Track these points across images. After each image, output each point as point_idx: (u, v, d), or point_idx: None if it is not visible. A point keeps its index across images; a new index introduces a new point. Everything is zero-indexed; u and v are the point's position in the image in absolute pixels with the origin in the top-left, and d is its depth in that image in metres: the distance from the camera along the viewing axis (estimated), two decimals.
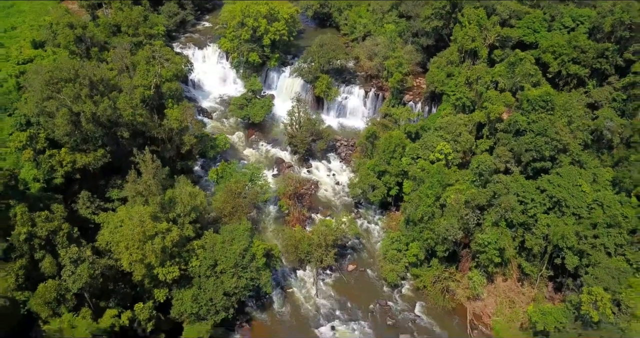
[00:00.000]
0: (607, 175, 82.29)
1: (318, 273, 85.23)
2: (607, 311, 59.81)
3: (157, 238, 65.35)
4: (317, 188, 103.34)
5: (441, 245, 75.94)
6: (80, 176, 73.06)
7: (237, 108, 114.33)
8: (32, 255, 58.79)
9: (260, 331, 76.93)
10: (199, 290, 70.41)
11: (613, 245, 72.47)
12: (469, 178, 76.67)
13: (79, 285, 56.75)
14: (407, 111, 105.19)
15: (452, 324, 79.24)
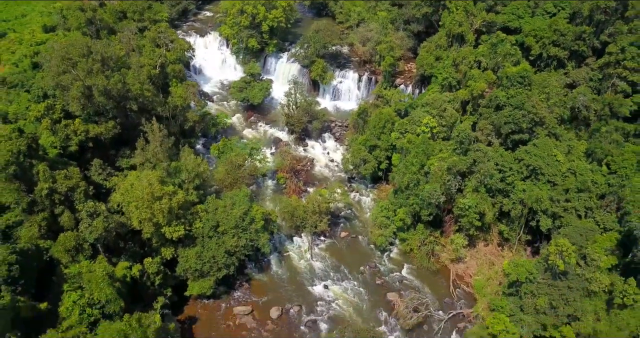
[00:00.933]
0: (582, 147, 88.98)
1: (313, 239, 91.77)
2: (572, 260, 66.41)
3: (164, 199, 71.92)
4: (312, 165, 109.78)
5: (425, 209, 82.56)
6: (92, 145, 79.52)
7: (237, 91, 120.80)
8: (52, 210, 65.47)
9: (258, 289, 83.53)
10: (202, 249, 76.97)
11: (583, 208, 79.10)
12: (452, 148, 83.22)
13: (95, 236, 63.39)
14: (398, 93, 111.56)
15: (436, 284, 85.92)
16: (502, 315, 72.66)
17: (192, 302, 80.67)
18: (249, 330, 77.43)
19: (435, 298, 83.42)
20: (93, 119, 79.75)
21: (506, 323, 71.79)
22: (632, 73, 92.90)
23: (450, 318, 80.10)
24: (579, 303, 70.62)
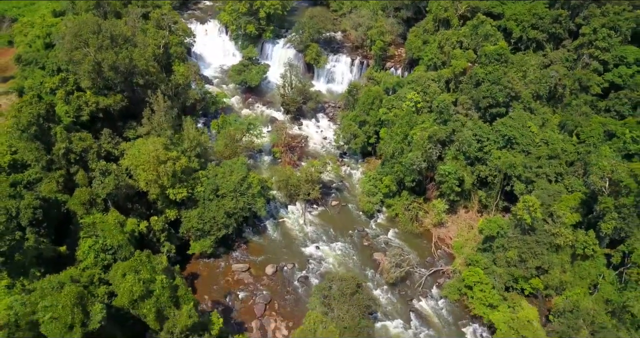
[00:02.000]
0: (555, 120, 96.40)
1: (306, 207, 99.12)
2: (538, 214, 73.64)
3: (168, 163, 79.25)
4: (306, 142, 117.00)
5: (409, 176, 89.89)
6: (102, 116, 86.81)
7: (236, 74, 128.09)
8: (68, 169, 72.80)
9: (255, 250, 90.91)
10: (204, 210, 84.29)
11: (554, 174, 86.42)
12: (433, 118, 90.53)
13: (107, 191, 70.73)
14: (387, 75, 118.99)
15: (419, 245, 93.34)
16: (477, 269, 79.98)
17: (194, 261, 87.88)
18: (246, 284, 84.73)
19: (418, 257, 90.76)
20: (102, 92, 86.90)
21: (480, 275, 79.09)
22: (603, 52, 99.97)
23: (430, 274, 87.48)
24: (546, 257, 77.89)
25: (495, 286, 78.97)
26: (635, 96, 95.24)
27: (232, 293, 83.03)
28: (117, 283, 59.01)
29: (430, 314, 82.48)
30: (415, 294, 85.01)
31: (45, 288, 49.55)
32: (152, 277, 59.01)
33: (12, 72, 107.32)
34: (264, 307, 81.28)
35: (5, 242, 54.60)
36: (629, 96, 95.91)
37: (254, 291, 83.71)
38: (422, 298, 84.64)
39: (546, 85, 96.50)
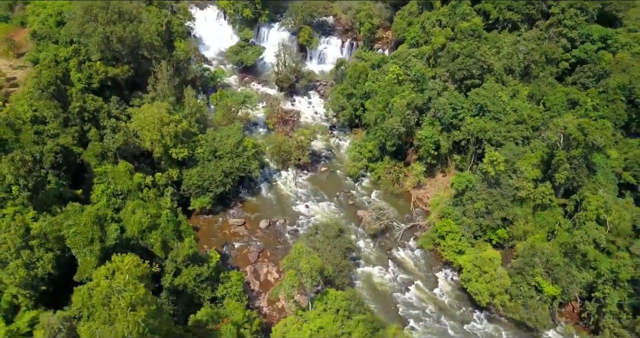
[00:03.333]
0: (525, 91, 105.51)
1: (297, 172, 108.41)
2: (501, 167, 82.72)
3: (171, 124, 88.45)
4: (298, 117, 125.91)
5: (389, 140, 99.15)
6: (111, 85, 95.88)
7: (233, 54, 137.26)
8: (82, 126, 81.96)
9: (250, 208, 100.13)
10: (203, 169, 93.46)
11: (520, 137, 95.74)
12: (411, 87, 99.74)
13: (117, 145, 79.97)
14: (375, 54, 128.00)
15: (399, 205, 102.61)
16: (448, 220, 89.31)
17: (194, 217, 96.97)
18: (241, 236, 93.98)
19: (398, 214, 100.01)
20: (111, 63, 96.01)
21: (452, 225, 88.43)
22: (570, 30, 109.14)
23: (408, 228, 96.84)
24: (510, 209, 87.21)
25: (465, 235, 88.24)
26: (598, 69, 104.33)
27: (229, 243, 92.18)
28: (127, 218, 68.16)
29: (407, 261, 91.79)
30: (394, 245, 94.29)
31: (69, 211, 58.76)
32: (158, 212, 68.26)
33: (26, 49, 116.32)
34: (257, 254, 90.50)
35: (33, 178, 63.65)
36: (593, 69, 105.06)
37: (249, 242, 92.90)
38: (400, 248, 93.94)
39: (517, 60, 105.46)
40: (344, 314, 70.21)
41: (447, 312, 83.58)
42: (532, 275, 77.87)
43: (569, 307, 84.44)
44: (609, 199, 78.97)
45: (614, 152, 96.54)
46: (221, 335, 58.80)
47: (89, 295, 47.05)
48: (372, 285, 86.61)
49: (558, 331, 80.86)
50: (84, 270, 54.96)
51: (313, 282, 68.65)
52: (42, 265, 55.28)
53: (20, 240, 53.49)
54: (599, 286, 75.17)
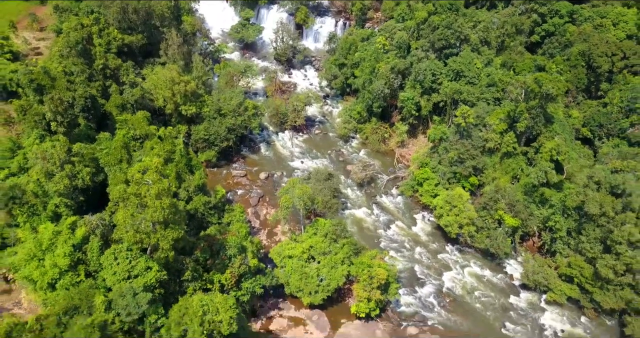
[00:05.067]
0: (499, 60, 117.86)
1: (293, 134, 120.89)
2: (470, 120, 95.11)
3: (181, 84, 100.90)
4: (295, 88, 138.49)
5: (376, 102, 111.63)
6: (127, 51, 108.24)
7: (235, 32, 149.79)
8: (104, 82, 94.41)
9: (251, 163, 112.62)
10: (209, 125, 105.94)
11: (492, 98, 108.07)
12: (394, 53, 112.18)
13: (135, 98, 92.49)
14: (365, 30, 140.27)
15: (384, 160, 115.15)
16: (426, 169, 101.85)
17: None
18: (243, 185, 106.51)
19: (382, 169, 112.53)
20: (127, 32, 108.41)
21: (428, 173, 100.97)
22: (540, 6, 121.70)
23: (391, 179, 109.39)
24: (480, 158, 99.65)
25: (440, 182, 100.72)
26: (564, 40, 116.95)
27: (232, 190, 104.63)
28: (146, 153, 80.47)
29: (389, 206, 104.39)
30: (378, 192, 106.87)
31: (101, 138, 71.29)
32: (173, 148, 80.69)
33: (46, 23, 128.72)
34: (258, 199, 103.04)
35: (68, 116, 76.12)
36: (559, 40, 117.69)
37: (250, 190, 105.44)
38: (383, 195, 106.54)
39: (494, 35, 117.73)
40: (331, 237, 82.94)
41: (423, 245, 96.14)
42: (496, 209, 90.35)
43: (530, 242, 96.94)
44: (561, 143, 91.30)
45: (575, 111, 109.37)
46: (227, 243, 71.23)
47: (124, 190, 59.54)
48: (358, 223, 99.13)
49: (519, 261, 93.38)
50: (115, 183, 67.31)
51: (305, 205, 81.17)
52: (81, 177, 67.71)
53: (65, 155, 65.89)
54: (552, 217, 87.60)
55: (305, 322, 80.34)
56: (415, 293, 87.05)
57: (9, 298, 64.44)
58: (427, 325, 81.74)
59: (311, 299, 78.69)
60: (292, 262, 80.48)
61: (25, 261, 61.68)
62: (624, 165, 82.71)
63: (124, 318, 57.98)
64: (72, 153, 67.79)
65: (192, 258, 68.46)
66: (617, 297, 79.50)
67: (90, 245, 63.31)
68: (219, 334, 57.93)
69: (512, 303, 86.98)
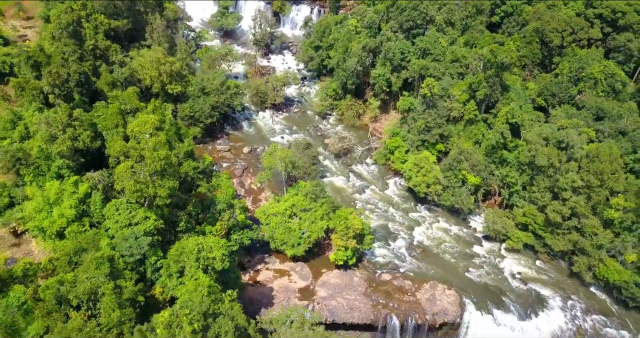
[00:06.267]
0: (462, 40, 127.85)
1: (273, 113, 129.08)
2: (435, 90, 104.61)
3: (167, 64, 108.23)
4: (274, 71, 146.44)
5: (350, 79, 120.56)
6: (113, 35, 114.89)
7: (215, 20, 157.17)
8: (94, 62, 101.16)
9: (234, 139, 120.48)
10: (194, 103, 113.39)
11: (456, 73, 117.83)
12: (365, 33, 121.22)
13: (124, 76, 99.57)
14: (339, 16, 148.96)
15: (359, 134, 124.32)
16: (397, 138, 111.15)
17: None
18: (228, 159, 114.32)
19: (358, 141, 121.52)
20: (113, 17, 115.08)
21: (399, 141, 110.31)
22: None
23: (366, 150, 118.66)
24: (446, 127, 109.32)
25: (410, 150, 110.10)
26: (521, 20, 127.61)
27: (217, 163, 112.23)
28: None
29: (364, 174, 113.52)
30: (354, 162, 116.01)
31: (97, 107, 78.51)
32: (163, 118, 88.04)
33: (32, 13, 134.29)
34: (242, 171, 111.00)
35: (64, 89, 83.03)
36: (517, 20, 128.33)
37: (234, 162, 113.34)
38: (358, 165, 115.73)
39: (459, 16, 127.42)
40: (311, 197, 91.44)
41: (395, 206, 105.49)
42: (459, 169, 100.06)
43: (492, 200, 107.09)
44: (515, 107, 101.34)
45: (532, 84, 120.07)
46: (216, 199, 79.16)
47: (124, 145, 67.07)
48: (335, 188, 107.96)
49: (482, 217, 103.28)
50: (112, 145, 74.54)
51: (286, 168, 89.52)
52: (82, 140, 74.85)
53: (66, 119, 72.98)
54: (508, 173, 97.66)
55: (289, 273, 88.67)
56: (389, 246, 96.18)
57: (19, 250, 71.26)
58: (400, 272, 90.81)
59: (294, 251, 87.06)
60: (276, 219, 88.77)
61: (35, 213, 68.67)
62: (568, 123, 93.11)
63: (127, 259, 65.51)
64: (73, 118, 74.84)
65: (185, 212, 76.20)
66: (566, 240, 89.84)
67: (93, 198, 70.64)
68: (213, 270, 65.86)
69: (475, 252, 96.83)
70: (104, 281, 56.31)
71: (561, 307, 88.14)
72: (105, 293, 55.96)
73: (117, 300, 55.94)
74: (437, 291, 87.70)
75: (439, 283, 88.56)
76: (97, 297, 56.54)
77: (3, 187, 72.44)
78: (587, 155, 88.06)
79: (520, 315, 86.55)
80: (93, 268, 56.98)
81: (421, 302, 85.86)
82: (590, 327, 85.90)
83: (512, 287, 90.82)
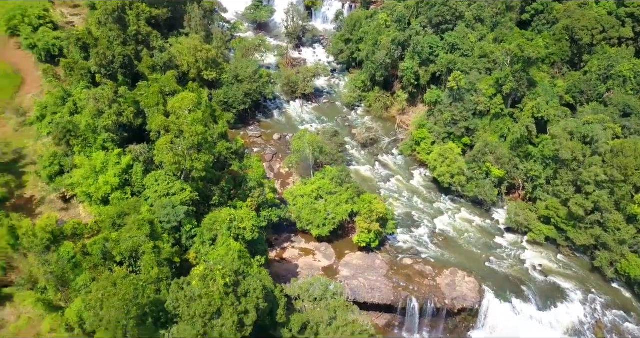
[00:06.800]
0: (491, 36, 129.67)
1: (303, 103, 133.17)
2: (462, 83, 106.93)
3: (203, 51, 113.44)
4: (305, 63, 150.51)
5: (379, 71, 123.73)
6: (154, 23, 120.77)
7: (249, 13, 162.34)
8: (136, 47, 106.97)
9: (265, 126, 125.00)
10: (228, 89, 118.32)
11: (484, 68, 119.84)
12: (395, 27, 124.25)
13: (163, 61, 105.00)
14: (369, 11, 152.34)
15: (386, 126, 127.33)
16: (423, 129, 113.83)
17: None
18: (259, 144, 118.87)
19: (385, 133, 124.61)
20: (153, 6, 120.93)
21: (425, 133, 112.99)
22: None
23: (392, 141, 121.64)
24: (472, 120, 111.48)
25: (436, 142, 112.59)
26: (551, 18, 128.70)
27: (249, 148, 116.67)
28: None
29: (390, 163, 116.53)
30: (380, 152, 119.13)
31: (140, 86, 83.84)
32: (200, 99, 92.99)
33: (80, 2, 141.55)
34: (272, 156, 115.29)
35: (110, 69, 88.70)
36: (547, 18, 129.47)
37: (264, 148, 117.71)
38: (384, 155, 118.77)
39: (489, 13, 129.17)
40: (337, 181, 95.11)
41: (419, 195, 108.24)
42: (484, 162, 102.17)
43: (515, 194, 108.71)
44: (542, 102, 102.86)
45: (560, 81, 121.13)
46: (248, 177, 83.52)
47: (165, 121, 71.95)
48: (360, 176, 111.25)
49: (505, 209, 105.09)
50: (153, 120, 79.62)
51: (314, 152, 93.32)
52: (126, 115, 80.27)
53: (113, 95, 78.43)
54: (532, 166, 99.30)
55: (314, 252, 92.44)
56: (411, 233, 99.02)
57: (67, 214, 76.96)
58: (421, 258, 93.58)
59: (319, 231, 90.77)
60: (302, 200, 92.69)
61: (82, 179, 74.15)
62: (594, 118, 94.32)
63: (165, 225, 70.26)
64: (118, 95, 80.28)
65: (218, 187, 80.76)
66: (588, 234, 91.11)
67: (135, 169, 75.78)
68: (243, 239, 70.06)
69: (497, 243, 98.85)
70: (144, 240, 61.00)
71: (581, 300, 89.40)
72: (145, 252, 60.66)
73: (156, 258, 60.53)
74: (457, 277, 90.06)
75: (459, 270, 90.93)
76: (138, 255, 61.29)
77: (54, 156, 78.21)
78: (612, 150, 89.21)
79: (539, 305, 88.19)
80: (135, 229, 61.77)
81: (441, 286, 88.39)
82: (610, 321, 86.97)
83: (533, 278, 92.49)
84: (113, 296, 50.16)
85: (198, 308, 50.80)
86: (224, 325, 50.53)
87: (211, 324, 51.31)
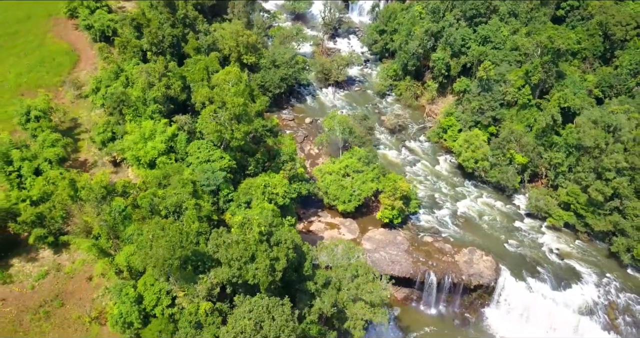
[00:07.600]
0: (524, 30, 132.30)
1: (335, 90, 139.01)
2: (491, 73, 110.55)
3: (244, 36, 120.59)
4: (339, 53, 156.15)
5: (411, 61, 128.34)
6: (199, 9, 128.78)
7: (288, 3, 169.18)
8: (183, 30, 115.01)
9: (298, 110, 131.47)
10: (265, 73, 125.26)
11: (515, 61, 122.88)
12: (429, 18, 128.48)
13: (208, 43, 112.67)
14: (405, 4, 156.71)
15: (415, 114, 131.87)
16: (451, 117, 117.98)
17: None
18: (291, 127, 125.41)
19: (413, 120, 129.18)
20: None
21: (453, 121, 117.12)
22: None
23: (420, 128, 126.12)
24: (499, 110, 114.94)
25: (463, 129, 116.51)
26: (586, 14, 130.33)
27: (282, 130, 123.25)
28: None
29: (416, 149, 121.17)
30: (407, 138, 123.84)
31: (188, 62, 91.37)
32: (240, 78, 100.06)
33: None
34: (303, 138, 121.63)
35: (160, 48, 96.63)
36: (581, 14, 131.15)
37: (297, 130, 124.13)
38: (412, 141, 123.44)
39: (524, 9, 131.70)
40: (364, 161, 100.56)
41: (443, 179, 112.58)
42: (508, 149, 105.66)
43: (538, 183, 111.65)
44: (568, 93, 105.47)
45: (591, 76, 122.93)
46: (281, 150, 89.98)
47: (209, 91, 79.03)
48: (387, 160, 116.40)
49: (526, 196, 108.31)
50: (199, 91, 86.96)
51: (343, 132, 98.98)
52: (174, 88, 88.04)
53: (163, 69, 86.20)
54: (555, 154, 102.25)
55: (339, 226, 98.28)
56: (433, 213, 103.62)
57: (117, 176, 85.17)
58: (441, 237, 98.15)
59: (345, 206, 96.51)
60: (330, 177, 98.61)
61: (132, 144, 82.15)
62: (619, 108, 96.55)
63: (205, 188, 77.38)
64: (167, 69, 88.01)
65: (254, 159, 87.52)
66: (607, 221, 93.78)
67: (179, 137, 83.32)
68: (275, 204, 76.49)
69: (516, 227, 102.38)
70: (187, 197, 68.15)
71: (596, 282, 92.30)
72: (188, 208, 67.80)
73: (197, 214, 67.59)
74: (475, 256, 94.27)
75: (477, 250, 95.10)
76: (182, 210, 68.50)
77: (107, 123, 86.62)
78: (634, 138, 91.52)
79: (554, 285, 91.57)
80: (180, 187, 69.01)
81: (459, 263, 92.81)
82: (623, 303, 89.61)
83: (549, 260, 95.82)
84: (161, 238, 57.27)
85: (235, 252, 57.38)
86: (257, 268, 56.94)
87: (246, 268, 57.83)
